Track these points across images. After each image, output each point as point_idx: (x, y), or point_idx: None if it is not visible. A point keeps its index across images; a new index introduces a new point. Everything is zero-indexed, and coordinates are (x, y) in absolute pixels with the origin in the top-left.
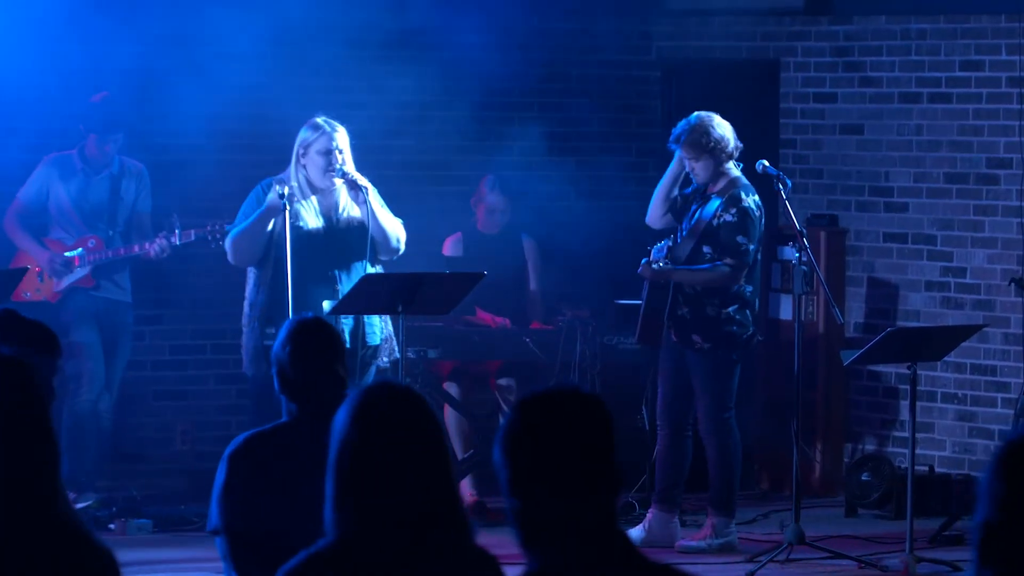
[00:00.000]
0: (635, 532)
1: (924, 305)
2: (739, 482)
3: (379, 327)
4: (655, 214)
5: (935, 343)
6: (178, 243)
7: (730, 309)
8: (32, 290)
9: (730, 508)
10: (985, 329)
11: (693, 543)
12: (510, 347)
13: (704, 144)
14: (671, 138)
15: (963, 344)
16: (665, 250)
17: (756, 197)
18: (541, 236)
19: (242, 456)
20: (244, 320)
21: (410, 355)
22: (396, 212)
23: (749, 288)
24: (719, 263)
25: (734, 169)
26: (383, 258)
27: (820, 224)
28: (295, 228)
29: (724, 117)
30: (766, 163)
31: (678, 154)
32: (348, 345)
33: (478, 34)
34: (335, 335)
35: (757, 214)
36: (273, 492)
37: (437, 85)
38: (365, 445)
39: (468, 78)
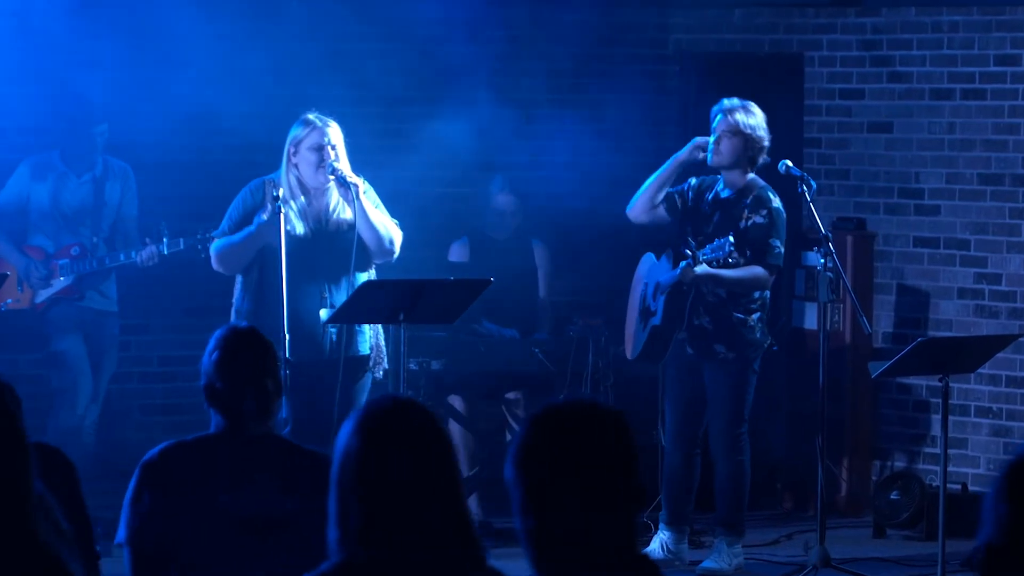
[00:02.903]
0: (648, 552)
1: (957, 314)
2: (747, 502)
3: (368, 336)
4: (642, 207)
5: (968, 354)
6: (166, 252)
7: (755, 316)
8: (13, 297)
9: (741, 529)
10: (1021, 339)
11: (714, 565)
12: (518, 358)
13: (745, 127)
14: (715, 108)
15: (998, 355)
16: (727, 248)
17: (779, 198)
18: (552, 241)
19: (155, 466)
20: None
21: (412, 367)
22: (398, 214)
23: (768, 294)
24: (755, 267)
25: (751, 172)
26: (377, 261)
27: (847, 228)
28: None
29: None
30: (789, 163)
31: (692, 144)
32: (335, 354)
33: (485, 26)
34: (267, 346)
35: (784, 216)
36: (184, 507)
37: (441, 80)
38: (372, 461)
39: (474, 73)
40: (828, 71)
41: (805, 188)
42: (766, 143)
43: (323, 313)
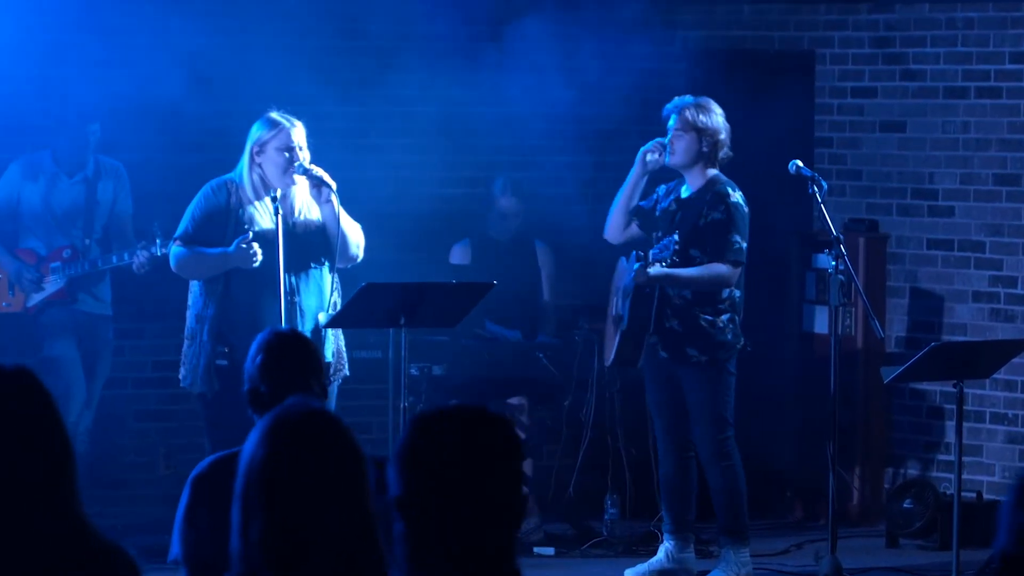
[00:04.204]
0: (654, 562)
1: (971, 317)
2: (747, 505)
3: (331, 340)
4: (616, 228)
5: (983, 359)
6: (159, 253)
7: (723, 317)
8: (4, 301)
9: (745, 535)
10: None
11: (723, 575)
12: (522, 363)
13: (697, 122)
14: (671, 105)
15: (1014, 360)
16: (672, 248)
17: (741, 193)
18: (556, 243)
19: (206, 480)
20: (188, 332)
21: (413, 372)
22: (398, 216)
23: (738, 293)
24: (716, 264)
25: (714, 169)
26: (339, 265)
27: (858, 230)
28: (254, 233)
29: (755, 113)
30: (800, 163)
31: (640, 156)
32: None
33: (486, 23)
34: (311, 348)
35: (745, 210)
36: None
37: (439, 79)
38: (276, 466)
39: (475, 71)
40: (839, 69)
41: (816, 189)
42: (723, 136)
43: (321, 317)
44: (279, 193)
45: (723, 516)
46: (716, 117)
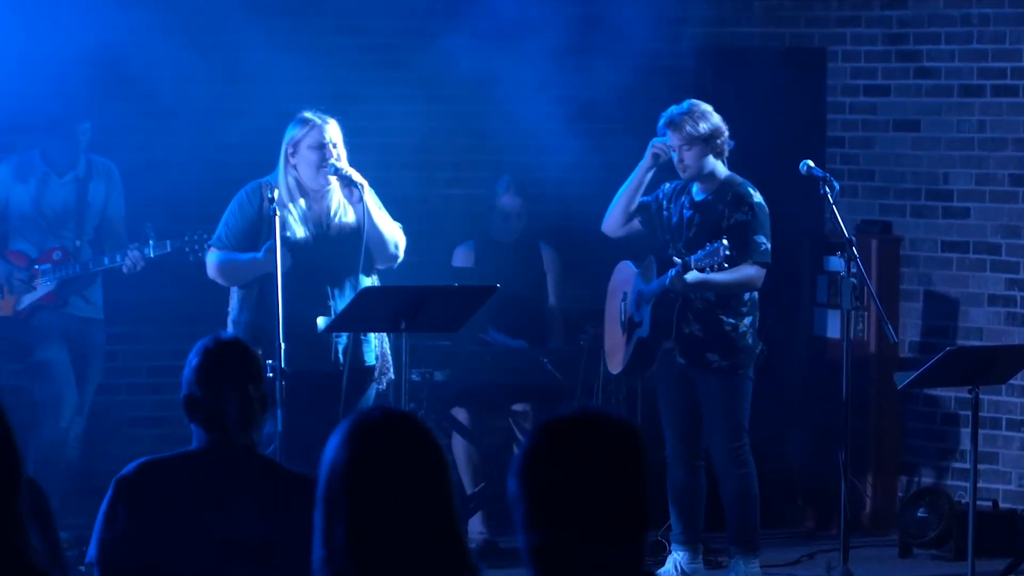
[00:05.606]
0: (662, 573)
1: (987, 322)
2: (760, 515)
3: (374, 345)
4: (616, 221)
5: (999, 364)
6: (152, 255)
7: (746, 321)
8: None
9: (756, 545)
10: None
11: None
12: (526, 368)
13: (700, 131)
14: (661, 123)
15: None
16: (723, 254)
17: (759, 192)
18: (561, 244)
19: (131, 483)
20: None
21: (414, 377)
22: (399, 217)
23: (756, 295)
24: (745, 267)
25: (724, 168)
26: (380, 266)
27: (871, 231)
28: (282, 238)
29: (765, 111)
30: (811, 163)
31: (651, 150)
32: (341, 365)
33: (488, 21)
34: (249, 353)
35: (767, 210)
36: (161, 527)
37: (444, 77)
38: (359, 473)
39: (479, 69)
40: (852, 66)
41: (827, 189)
42: (724, 132)
43: (320, 321)
44: (276, 193)
45: (735, 525)
46: (712, 117)
